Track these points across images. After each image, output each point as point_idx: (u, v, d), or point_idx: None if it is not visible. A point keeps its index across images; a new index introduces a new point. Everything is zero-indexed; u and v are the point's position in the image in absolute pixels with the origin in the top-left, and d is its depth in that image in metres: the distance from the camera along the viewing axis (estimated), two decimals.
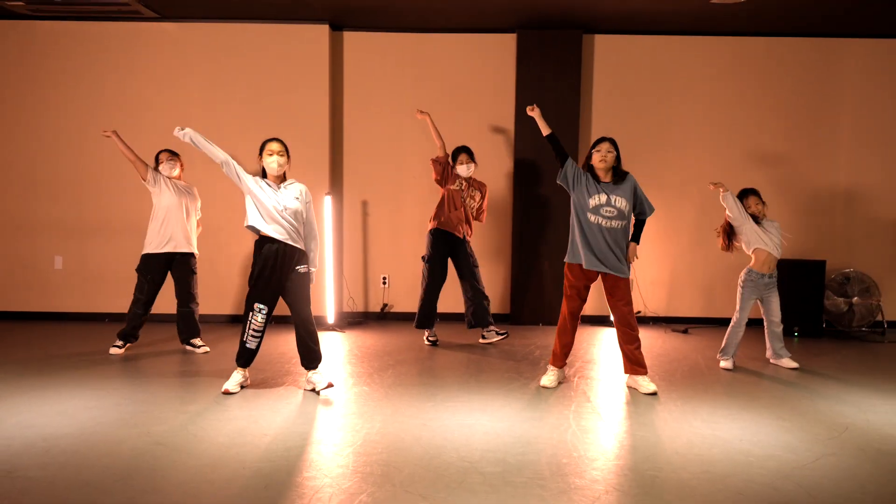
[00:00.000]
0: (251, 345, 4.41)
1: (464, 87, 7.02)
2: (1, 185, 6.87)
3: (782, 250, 5.26)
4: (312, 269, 4.48)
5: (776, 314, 5.27)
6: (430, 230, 5.83)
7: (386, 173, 7.07)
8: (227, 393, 4.37)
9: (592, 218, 4.48)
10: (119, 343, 5.46)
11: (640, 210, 4.62)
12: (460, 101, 7.02)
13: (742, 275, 5.27)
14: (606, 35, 6.98)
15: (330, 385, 4.44)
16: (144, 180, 5.41)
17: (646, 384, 4.56)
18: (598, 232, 4.47)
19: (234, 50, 6.80)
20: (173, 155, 5.55)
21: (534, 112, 4.73)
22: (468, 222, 5.88)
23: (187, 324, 5.52)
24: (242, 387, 4.49)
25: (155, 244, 5.37)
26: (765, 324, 5.36)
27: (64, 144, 6.84)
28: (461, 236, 5.81)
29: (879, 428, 3.92)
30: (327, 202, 6.65)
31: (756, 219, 5.21)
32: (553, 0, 6.03)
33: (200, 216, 5.73)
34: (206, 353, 5.52)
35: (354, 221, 7.13)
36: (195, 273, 5.56)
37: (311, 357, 4.47)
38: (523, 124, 6.84)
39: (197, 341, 5.57)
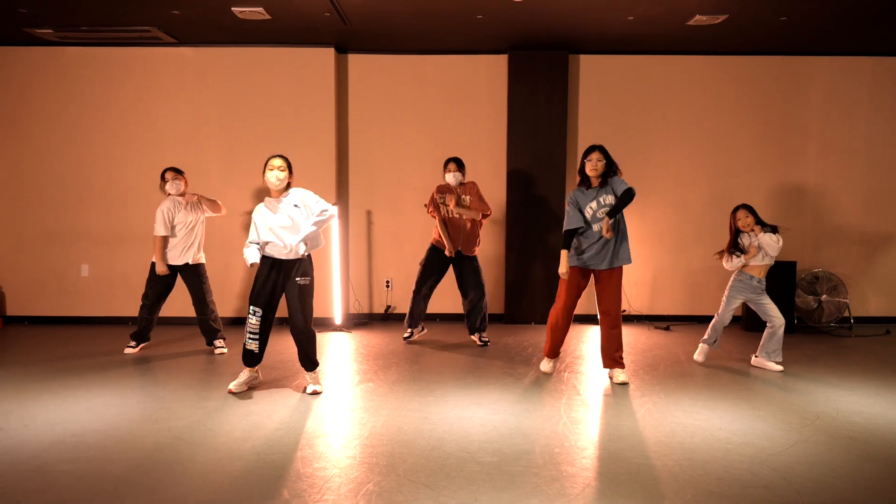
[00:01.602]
0: (250, 346, 4.32)
1: (460, 103, 7.03)
2: (33, 199, 6.86)
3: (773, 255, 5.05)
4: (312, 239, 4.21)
5: (777, 316, 4.99)
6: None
7: (388, 184, 7.07)
8: (230, 392, 4.29)
9: (595, 227, 4.56)
10: (132, 343, 5.52)
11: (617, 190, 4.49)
12: (456, 117, 7.03)
13: (733, 275, 5.12)
14: (591, 55, 6.99)
15: (315, 392, 4.33)
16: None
17: (619, 375, 4.61)
18: (597, 235, 4.54)
19: (247, 72, 6.80)
20: (178, 173, 5.35)
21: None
22: (462, 238, 5.65)
23: (202, 328, 5.52)
24: (250, 387, 4.41)
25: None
26: (767, 326, 5.07)
27: (90, 160, 6.83)
28: (449, 254, 5.65)
29: (848, 416, 3.91)
30: (334, 212, 6.63)
31: (740, 231, 5.05)
32: (541, 24, 6.04)
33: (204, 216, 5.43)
34: (221, 354, 5.47)
35: (360, 229, 7.13)
36: (197, 282, 5.38)
37: (303, 361, 4.42)
38: (515, 138, 6.86)
39: (218, 342, 5.52)
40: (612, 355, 4.66)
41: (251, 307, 4.27)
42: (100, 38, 6.50)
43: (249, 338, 4.32)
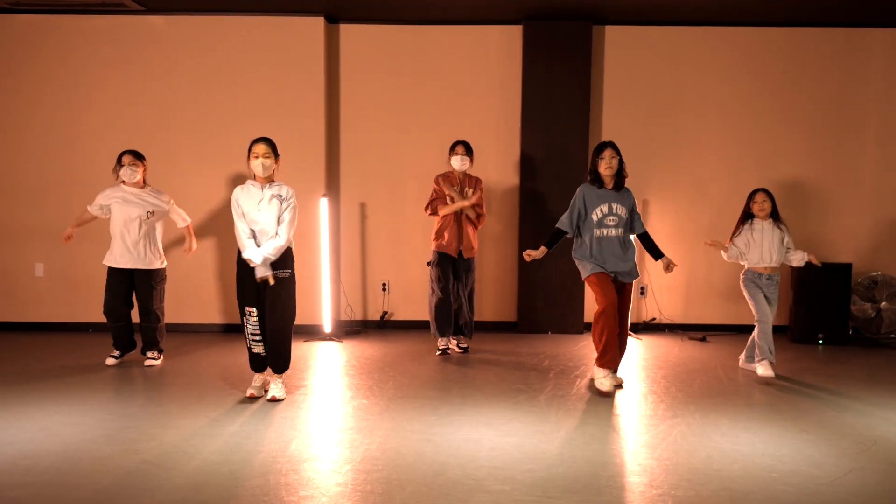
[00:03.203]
0: (256, 349, 4.59)
1: (467, 82, 7.03)
2: None
3: (781, 255, 5.36)
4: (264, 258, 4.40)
5: (768, 313, 5.33)
6: (434, 249, 5.88)
7: (385, 173, 7.08)
8: (251, 397, 4.57)
9: (600, 232, 4.86)
10: (115, 353, 5.55)
11: (631, 226, 4.96)
12: (463, 98, 7.03)
13: (741, 274, 5.49)
14: (618, 26, 6.98)
15: (274, 399, 4.57)
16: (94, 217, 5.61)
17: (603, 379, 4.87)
18: (609, 243, 4.85)
19: (224, 44, 6.81)
20: (136, 159, 5.45)
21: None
22: (469, 238, 5.83)
23: (145, 336, 5.54)
24: (266, 390, 4.65)
25: (111, 259, 5.44)
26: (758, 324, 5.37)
27: (44, 144, 6.85)
28: (455, 255, 5.82)
29: None
30: (323, 204, 6.66)
31: (752, 216, 5.38)
32: None
33: (185, 222, 5.78)
34: (151, 367, 5.45)
35: (352, 224, 7.14)
36: (155, 287, 5.50)
37: (276, 363, 4.64)
38: (530, 122, 6.85)
39: (151, 354, 5.54)
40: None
41: (246, 308, 4.53)
42: (57, 5, 6.51)
43: (253, 340, 4.57)
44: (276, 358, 4.60)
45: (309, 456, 3.60)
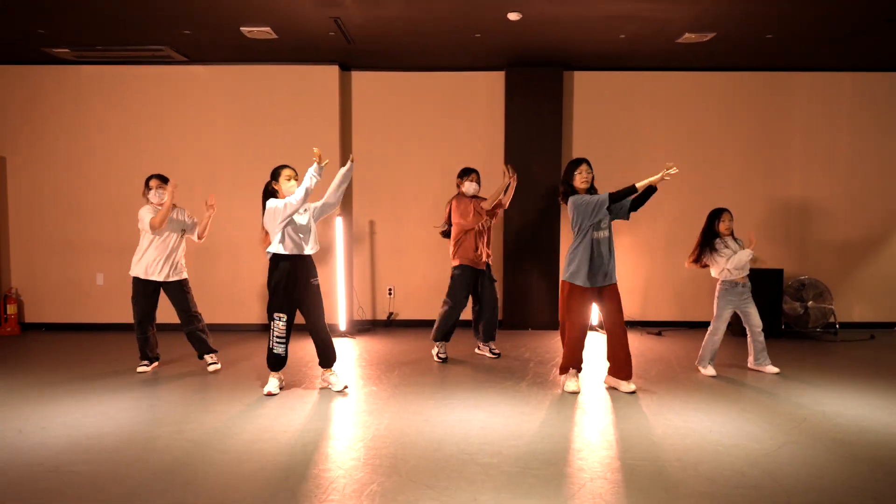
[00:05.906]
0: (278, 350, 4.38)
1: (459, 119, 7.06)
2: (51, 212, 6.88)
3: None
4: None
5: (757, 323, 5.01)
6: (457, 266, 5.28)
7: (390, 196, 7.09)
8: (269, 395, 4.33)
9: (598, 234, 4.43)
10: (144, 363, 5.09)
11: (626, 212, 4.57)
12: (455, 131, 7.05)
13: (717, 285, 5.03)
14: (585, 71, 7.02)
15: (345, 388, 4.51)
16: (155, 229, 4.84)
17: (626, 385, 4.49)
18: (602, 246, 4.42)
19: (256, 88, 6.84)
20: (162, 182, 4.95)
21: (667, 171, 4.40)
22: (487, 246, 5.41)
23: (197, 339, 5.10)
24: (281, 388, 4.46)
25: (140, 271, 4.90)
26: (748, 333, 5.08)
27: (105, 174, 6.85)
28: (483, 267, 5.37)
29: (833, 418, 3.92)
30: (339, 223, 6.67)
31: (718, 235, 5.01)
32: (537, 42, 6.08)
33: (197, 231, 5.13)
34: (216, 371, 5.08)
35: (363, 239, 7.15)
36: (189, 292, 5.03)
37: (327, 355, 4.54)
38: (512, 152, 6.87)
39: (208, 358, 5.14)
40: (624, 367, 4.50)
41: (276, 314, 4.33)
42: (115, 57, 6.53)
43: (277, 342, 4.37)
44: (326, 350, 4.45)
45: (328, 435, 3.59)
